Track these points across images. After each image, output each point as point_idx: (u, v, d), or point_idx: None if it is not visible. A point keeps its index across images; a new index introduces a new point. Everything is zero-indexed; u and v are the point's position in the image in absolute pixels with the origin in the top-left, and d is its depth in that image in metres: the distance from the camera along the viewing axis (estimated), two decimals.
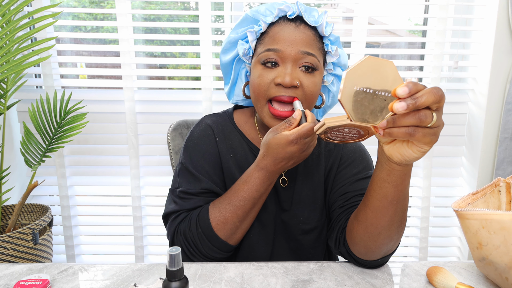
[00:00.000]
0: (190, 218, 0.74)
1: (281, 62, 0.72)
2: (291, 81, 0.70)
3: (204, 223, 0.72)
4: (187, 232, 0.73)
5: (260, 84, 0.72)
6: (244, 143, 0.82)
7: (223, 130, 0.82)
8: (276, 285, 0.65)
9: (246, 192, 0.71)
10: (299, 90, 0.72)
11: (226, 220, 0.72)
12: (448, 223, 1.68)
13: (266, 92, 0.72)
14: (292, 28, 0.72)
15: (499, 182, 0.69)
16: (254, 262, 0.74)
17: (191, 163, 0.79)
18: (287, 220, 0.80)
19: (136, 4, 1.58)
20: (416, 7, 1.64)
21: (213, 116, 0.86)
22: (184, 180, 0.78)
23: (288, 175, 0.81)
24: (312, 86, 0.73)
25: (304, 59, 0.71)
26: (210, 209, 0.73)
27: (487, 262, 0.61)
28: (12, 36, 1.19)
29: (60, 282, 0.67)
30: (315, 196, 0.81)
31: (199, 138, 0.81)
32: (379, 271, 0.71)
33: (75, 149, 1.57)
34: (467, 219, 0.61)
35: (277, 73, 0.71)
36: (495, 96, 1.50)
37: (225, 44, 0.82)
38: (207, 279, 0.67)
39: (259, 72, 0.73)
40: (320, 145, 0.84)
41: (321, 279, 0.67)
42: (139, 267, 0.72)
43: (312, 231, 0.81)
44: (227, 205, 0.72)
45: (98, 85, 1.56)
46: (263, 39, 0.74)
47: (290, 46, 0.71)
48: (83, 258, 1.69)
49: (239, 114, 0.87)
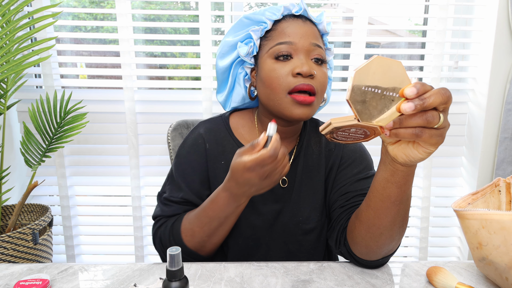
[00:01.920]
0: (166, 225, 0.78)
1: (294, 54, 0.73)
2: (309, 70, 0.71)
3: (175, 233, 0.75)
4: (163, 238, 0.77)
5: (278, 77, 0.72)
6: (236, 148, 0.81)
7: (216, 137, 0.83)
8: (276, 285, 0.65)
9: (212, 210, 0.71)
10: (315, 80, 0.73)
11: (194, 233, 0.74)
12: (448, 223, 1.68)
13: (285, 84, 0.72)
14: (301, 23, 0.75)
15: (499, 182, 0.69)
16: (254, 262, 0.74)
17: (177, 171, 0.81)
18: (286, 221, 0.80)
19: (136, 4, 1.58)
20: (416, 7, 1.64)
21: (207, 123, 0.86)
22: (169, 187, 0.82)
23: (288, 175, 0.81)
24: (324, 76, 0.75)
25: (315, 51, 0.74)
26: (183, 220, 0.76)
27: (487, 262, 0.61)
28: (12, 36, 1.19)
29: (60, 282, 0.67)
30: (315, 196, 0.81)
31: (189, 147, 0.83)
32: (379, 271, 0.71)
33: (75, 149, 1.57)
34: (467, 219, 0.61)
35: (292, 65, 0.72)
36: (495, 96, 1.50)
37: (222, 48, 0.82)
38: (207, 279, 0.67)
39: (272, 66, 0.73)
40: (320, 145, 0.84)
41: (321, 279, 0.67)
42: (139, 267, 0.72)
43: (313, 231, 0.81)
44: (195, 219, 0.74)
45: (98, 85, 1.56)
46: (270, 35, 0.76)
47: (302, 38, 0.73)
48: (83, 258, 1.69)
49: (236, 118, 0.87)
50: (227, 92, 0.86)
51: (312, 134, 0.85)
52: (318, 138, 0.85)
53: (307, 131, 0.85)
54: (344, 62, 1.55)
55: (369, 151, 0.88)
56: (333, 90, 1.62)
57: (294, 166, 0.81)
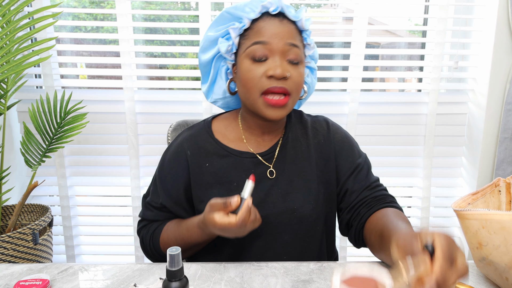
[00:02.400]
0: (148, 229, 0.85)
1: (269, 56, 0.75)
2: (282, 73, 0.73)
3: (155, 241, 0.83)
4: (144, 240, 0.85)
5: (252, 78, 0.75)
6: (220, 149, 0.83)
7: (197, 142, 0.84)
8: (276, 285, 0.65)
9: (187, 237, 0.77)
10: (289, 82, 0.75)
11: (169, 246, 0.77)
12: (448, 223, 1.68)
13: (259, 85, 0.74)
14: (277, 22, 0.75)
15: (499, 182, 0.69)
16: (254, 262, 0.74)
17: (159, 177, 0.85)
18: (279, 211, 0.79)
19: (136, 5, 1.58)
20: (416, 7, 1.64)
21: (190, 129, 0.88)
22: (152, 191, 0.87)
23: (276, 167, 0.82)
24: (299, 77, 0.77)
25: (291, 51, 0.75)
26: (162, 233, 0.82)
27: (487, 262, 0.61)
28: (12, 36, 1.19)
29: (60, 282, 0.67)
30: (307, 185, 0.81)
31: (171, 154, 0.86)
32: (379, 271, 0.71)
33: (75, 149, 1.57)
34: (467, 219, 0.61)
35: (267, 66, 0.74)
36: (495, 96, 1.50)
37: (204, 43, 0.84)
38: (207, 279, 0.67)
39: (249, 66, 0.75)
40: (307, 137, 0.85)
41: (321, 279, 0.67)
42: (139, 267, 0.72)
43: (307, 219, 0.80)
44: (172, 237, 0.80)
45: (98, 85, 1.56)
46: (248, 34, 0.77)
47: (277, 38, 0.74)
48: (83, 258, 1.69)
49: (219, 121, 0.89)
50: (209, 84, 0.88)
51: (298, 126, 0.88)
52: (304, 130, 0.87)
53: (293, 123, 0.88)
54: (344, 62, 1.55)
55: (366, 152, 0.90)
56: (333, 90, 1.63)
57: (281, 157, 0.83)
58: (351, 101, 1.53)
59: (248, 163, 0.81)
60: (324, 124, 0.89)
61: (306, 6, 1.38)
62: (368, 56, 1.55)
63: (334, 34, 1.60)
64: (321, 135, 0.86)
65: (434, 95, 1.54)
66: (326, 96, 1.56)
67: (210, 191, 0.80)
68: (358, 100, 1.53)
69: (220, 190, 0.80)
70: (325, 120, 0.90)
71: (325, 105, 1.55)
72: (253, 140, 0.85)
